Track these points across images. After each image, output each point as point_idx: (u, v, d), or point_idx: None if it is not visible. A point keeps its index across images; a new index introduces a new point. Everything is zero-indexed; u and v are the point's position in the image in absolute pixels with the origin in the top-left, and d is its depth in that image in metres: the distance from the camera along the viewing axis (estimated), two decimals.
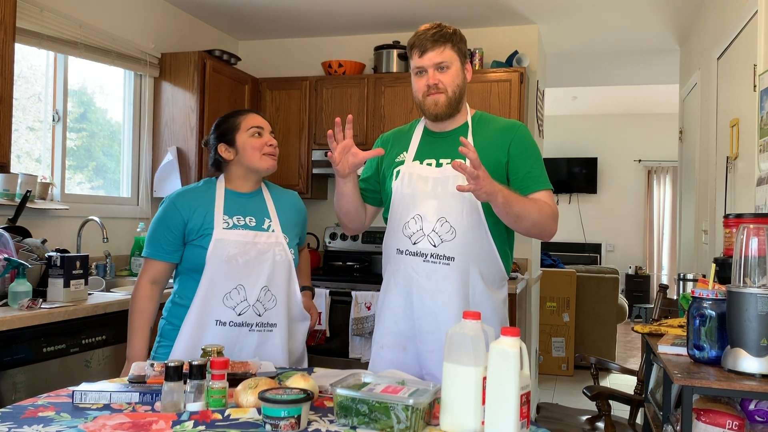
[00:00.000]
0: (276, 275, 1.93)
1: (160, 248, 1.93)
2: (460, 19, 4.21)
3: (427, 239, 1.83)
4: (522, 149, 1.87)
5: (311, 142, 4.34)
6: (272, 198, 2.05)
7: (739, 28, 2.96)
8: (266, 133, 2.00)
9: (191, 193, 1.98)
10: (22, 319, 2.16)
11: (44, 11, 3.07)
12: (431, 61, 1.84)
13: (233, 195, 1.99)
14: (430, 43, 1.83)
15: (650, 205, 8.87)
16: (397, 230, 1.88)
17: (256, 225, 1.95)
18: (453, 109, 1.89)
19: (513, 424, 1.18)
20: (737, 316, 1.51)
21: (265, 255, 1.91)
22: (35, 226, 2.99)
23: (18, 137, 3.08)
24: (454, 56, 1.85)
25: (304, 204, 2.17)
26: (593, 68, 5.71)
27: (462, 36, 1.90)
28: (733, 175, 3.09)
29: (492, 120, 1.96)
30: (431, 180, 1.85)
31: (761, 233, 1.54)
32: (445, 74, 1.85)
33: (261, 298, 1.90)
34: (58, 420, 1.30)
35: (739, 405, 1.65)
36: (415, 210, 1.85)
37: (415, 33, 1.89)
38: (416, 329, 1.86)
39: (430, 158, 1.90)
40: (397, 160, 1.96)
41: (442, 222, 1.82)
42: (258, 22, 4.42)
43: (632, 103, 8.22)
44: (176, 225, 1.92)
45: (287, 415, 1.22)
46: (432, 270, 1.82)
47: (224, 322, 1.87)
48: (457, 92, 1.87)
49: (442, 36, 1.83)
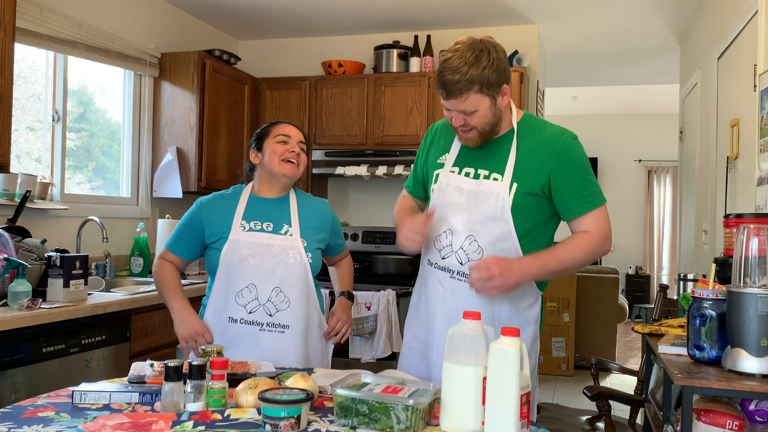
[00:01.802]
0: (289, 277, 1.95)
1: (177, 244, 2.06)
2: (460, 19, 4.21)
3: (455, 256, 1.79)
4: (565, 168, 1.74)
5: (311, 142, 4.34)
6: (298, 205, 2.07)
7: (739, 28, 2.96)
8: (292, 141, 2.03)
9: (219, 199, 2.07)
10: (22, 319, 2.16)
11: (44, 11, 3.07)
12: (455, 107, 1.71)
13: (257, 200, 2.05)
14: (455, 90, 1.67)
15: (650, 205, 8.87)
16: (431, 241, 1.86)
17: (273, 230, 1.99)
18: (488, 138, 1.78)
19: (513, 424, 1.18)
20: (737, 316, 1.50)
21: (279, 257, 1.95)
22: (35, 226, 2.99)
23: (18, 137, 3.08)
24: (479, 99, 1.68)
25: (333, 212, 2.18)
26: (593, 68, 5.71)
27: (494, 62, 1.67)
28: (733, 175, 3.09)
29: (539, 127, 1.83)
30: (465, 192, 1.79)
31: (761, 233, 1.54)
32: (472, 117, 1.71)
33: (273, 299, 1.94)
34: (58, 420, 1.29)
35: (740, 405, 1.65)
36: (446, 223, 1.80)
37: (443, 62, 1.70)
38: (435, 341, 1.84)
39: (468, 167, 1.82)
40: (439, 161, 1.89)
41: (470, 240, 1.77)
42: (258, 22, 4.42)
43: (632, 103, 8.22)
44: (196, 228, 2.02)
45: (287, 415, 1.22)
46: (458, 287, 1.80)
47: (236, 320, 1.95)
48: (488, 127, 1.75)
49: (467, 82, 1.65)
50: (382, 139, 4.19)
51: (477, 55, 1.66)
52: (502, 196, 1.74)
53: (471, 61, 1.65)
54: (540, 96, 4.61)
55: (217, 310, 1.98)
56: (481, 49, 1.67)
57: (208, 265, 2.03)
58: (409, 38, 4.37)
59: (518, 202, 1.74)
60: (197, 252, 2.05)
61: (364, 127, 4.22)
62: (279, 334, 1.94)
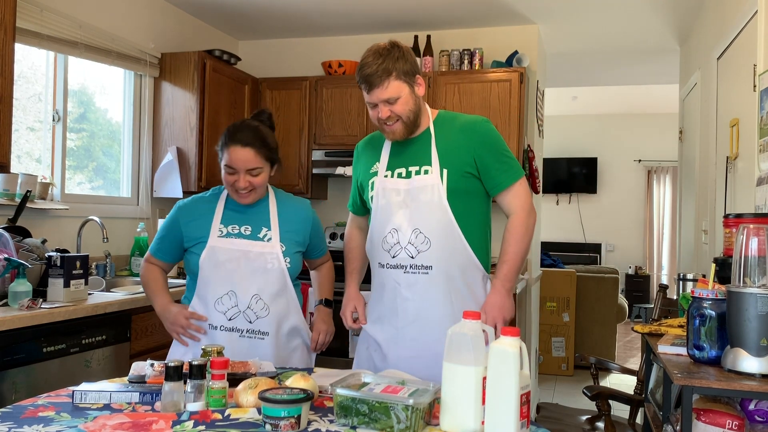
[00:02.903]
0: (268, 284, 1.95)
1: (159, 249, 2.08)
2: (460, 19, 4.21)
3: (404, 251, 1.90)
4: (486, 147, 1.91)
5: (311, 142, 4.34)
6: (277, 206, 2.06)
7: (739, 28, 2.96)
8: (239, 174, 1.92)
9: (197, 202, 2.05)
10: (22, 319, 2.16)
11: (44, 11, 3.07)
12: (378, 98, 1.85)
13: (234, 205, 2.02)
14: (375, 79, 1.83)
15: (650, 205, 8.87)
16: (378, 244, 1.95)
17: (251, 234, 1.98)
18: (412, 129, 1.92)
19: (513, 424, 1.18)
20: (737, 316, 1.51)
21: (256, 263, 1.94)
22: (35, 226, 2.99)
23: (18, 137, 3.08)
24: (400, 85, 1.85)
25: (314, 212, 2.16)
26: (593, 68, 5.70)
27: (405, 54, 1.87)
28: (733, 175, 3.09)
29: (453, 119, 1.98)
30: (402, 191, 1.91)
31: (761, 233, 1.54)
32: (396, 105, 1.86)
33: (252, 306, 1.94)
34: (58, 420, 1.30)
35: (739, 405, 1.65)
36: (391, 223, 1.91)
37: (360, 63, 1.87)
38: (400, 337, 1.92)
39: (400, 167, 1.95)
40: (372, 170, 2.01)
41: (416, 233, 1.88)
42: (258, 22, 4.42)
43: (632, 103, 8.22)
44: (174, 232, 2.03)
45: (287, 415, 1.22)
46: (413, 281, 1.89)
47: (216, 326, 1.94)
48: (412, 115, 1.89)
49: (384, 70, 1.82)
50: None
51: (388, 49, 1.85)
52: (436, 185, 1.88)
53: (384, 54, 1.85)
54: (540, 96, 4.61)
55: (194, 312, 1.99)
56: (391, 46, 1.87)
57: (187, 268, 2.03)
58: (409, 38, 4.37)
59: (452, 186, 1.89)
60: (180, 255, 2.06)
61: (364, 127, 4.22)
62: (259, 340, 1.94)
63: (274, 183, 2.23)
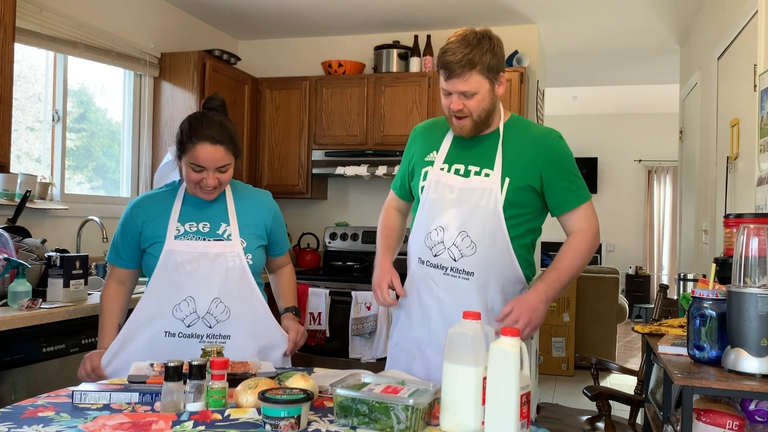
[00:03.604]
0: (229, 285, 1.84)
1: (117, 254, 1.95)
2: (460, 19, 4.21)
3: (447, 252, 1.81)
4: (555, 165, 1.81)
5: (311, 142, 4.34)
6: (234, 199, 1.95)
7: (739, 28, 2.96)
8: (208, 172, 1.82)
9: (152, 198, 1.95)
10: (22, 319, 2.16)
11: (44, 11, 3.07)
12: (455, 88, 1.75)
13: (192, 200, 1.93)
14: (457, 69, 1.72)
15: (650, 205, 8.87)
16: (420, 239, 1.86)
17: (209, 231, 1.88)
18: (479, 130, 1.83)
19: (513, 424, 1.18)
20: (737, 316, 1.50)
21: (216, 262, 1.84)
22: (35, 226, 2.99)
23: (18, 137, 3.08)
24: (481, 81, 1.74)
25: (276, 204, 2.04)
26: (593, 68, 5.70)
27: (495, 47, 1.77)
28: (733, 175, 3.09)
29: (525, 127, 1.89)
30: (456, 189, 1.82)
31: (761, 233, 1.54)
32: (471, 100, 1.76)
33: (212, 311, 1.83)
34: (58, 420, 1.29)
35: (740, 405, 1.65)
36: (438, 220, 1.82)
37: (445, 47, 1.76)
38: (432, 338, 1.84)
39: (459, 163, 1.85)
40: (427, 159, 1.91)
41: (463, 236, 1.78)
42: (258, 22, 4.42)
43: (632, 103, 8.22)
44: (132, 233, 1.91)
45: (287, 415, 1.22)
46: (452, 284, 1.81)
47: (173, 333, 1.84)
48: (483, 115, 1.80)
49: (469, 62, 1.71)
50: (382, 139, 4.19)
51: (479, 39, 1.74)
52: (494, 191, 1.78)
53: (473, 43, 1.73)
54: (540, 96, 4.61)
55: (149, 319, 1.85)
56: (482, 35, 1.75)
57: (145, 268, 1.92)
58: (409, 38, 4.37)
59: (511, 197, 1.79)
60: (140, 259, 1.93)
61: (364, 127, 4.22)
62: (220, 344, 1.82)
63: (275, 182, 2.22)
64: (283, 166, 4.35)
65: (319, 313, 3.84)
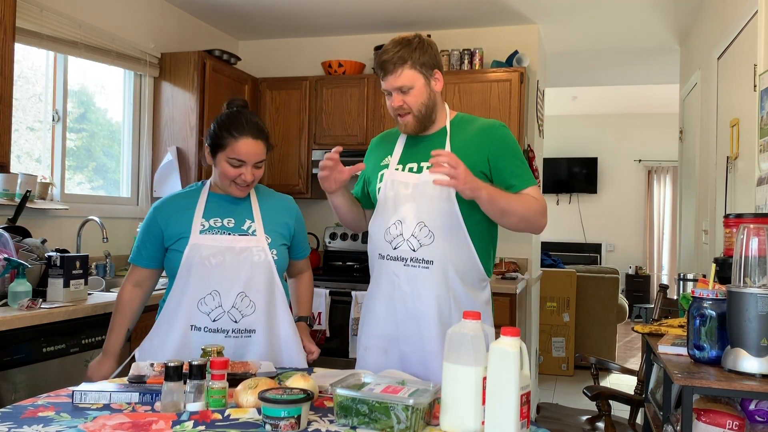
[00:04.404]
0: (254, 279, 1.86)
1: (140, 255, 1.96)
2: (460, 19, 4.21)
3: (406, 243, 1.87)
4: (503, 149, 1.88)
5: (311, 142, 4.34)
6: (258, 200, 1.98)
7: (739, 28, 2.96)
8: (247, 167, 1.86)
9: (175, 199, 1.97)
10: (22, 319, 2.16)
11: (44, 11, 3.07)
12: (392, 85, 1.85)
13: (216, 198, 1.95)
14: (390, 66, 1.83)
15: (650, 205, 8.87)
16: (379, 235, 1.92)
17: (234, 226, 1.89)
18: (423, 125, 1.91)
19: (513, 424, 1.18)
20: (737, 316, 1.50)
21: (242, 257, 1.85)
22: (35, 226, 2.99)
23: (18, 137, 3.08)
24: (414, 75, 1.84)
25: (298, 207, 2.08)
26: (593, 68, 5.70)
27: (426, 46, 1.86)
28: (733, 175, 3.09)
29: (471, 121, 1.97)
30: (411, 185, 1.89)
31: (761, 233, 1.54)
32: (408, 95, 1.85)
33: (237, 305, 1.85)
34: (58, 420, 1.29)
35: (740, 405, 1.65)
36: (395, 215, 1.88)
37: (380, 51, 1.88)
38: (399, 332, 1.90)
39: (412, 162, 1.93)
40: (382, 163, 1.99)
41: (420, 226, 1.85)
42: (258, 22, 4.42)
43: (632, 103, 8.22)
44: (155, 234, 1.92)
45: (287, 415, 1.22)
46: (412, 274, 1.86)
47: (199, 327, 1.85)
48: (424, 110, 1.88)
49: (400, 58, 1.82)
50: None
51: (409, 39, 1.86)
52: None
53: (404, 43, 1.85)
54: (540, 96, 4.61)
55: (177, 315, 1.87)
56: (414, 37, 1.87)
57: (168, 269, 1.94)
58: None
59: None
60: (162, 259, 1.95)
61: (364, 127, 4.22)
62: (246, 339, 1.85)
63: (274, 182, 2.23)
64: (283, 166, 4.35)
65: (319, 313, 3.85)
